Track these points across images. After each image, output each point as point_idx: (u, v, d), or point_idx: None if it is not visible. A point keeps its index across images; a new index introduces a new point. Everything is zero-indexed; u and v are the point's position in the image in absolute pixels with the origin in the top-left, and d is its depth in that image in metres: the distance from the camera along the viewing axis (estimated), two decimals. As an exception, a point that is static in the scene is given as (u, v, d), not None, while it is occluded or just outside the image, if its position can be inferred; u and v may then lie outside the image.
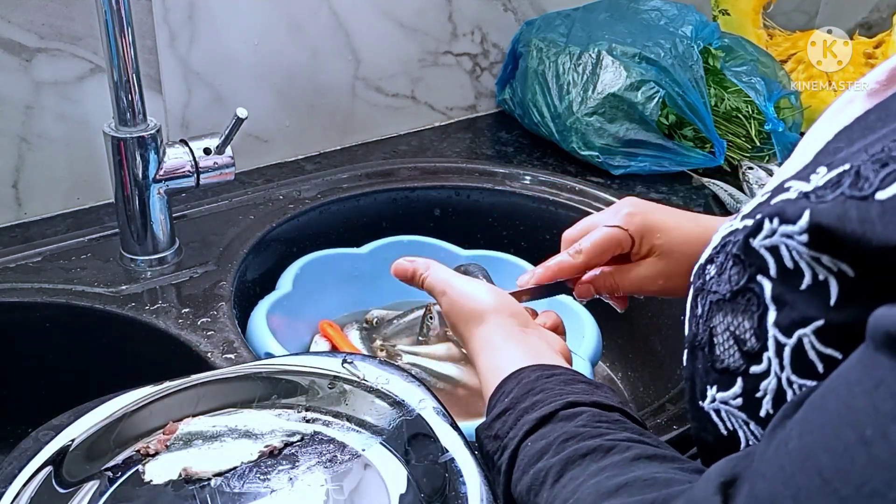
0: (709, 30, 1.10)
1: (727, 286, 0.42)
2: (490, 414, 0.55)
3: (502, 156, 1.14)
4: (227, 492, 0.57)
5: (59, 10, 0.87)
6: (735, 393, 0.42)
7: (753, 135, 1.11)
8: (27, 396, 0.84)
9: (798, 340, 0.38)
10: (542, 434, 0.50)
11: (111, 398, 0.61)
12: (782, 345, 0.39)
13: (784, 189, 0.41)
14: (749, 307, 0.41)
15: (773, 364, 0.40)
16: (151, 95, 0.95)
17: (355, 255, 0.98)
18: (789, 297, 0.39)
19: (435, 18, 1.15)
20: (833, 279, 0.37)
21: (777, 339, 0.39)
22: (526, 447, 0.50)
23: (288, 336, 0.86)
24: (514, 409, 0.53)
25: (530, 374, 0.55)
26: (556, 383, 0.53)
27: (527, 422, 0.51)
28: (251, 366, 0.67)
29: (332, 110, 1.12)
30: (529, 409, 0.52)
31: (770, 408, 0.40)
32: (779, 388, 0.40)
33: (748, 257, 0.41)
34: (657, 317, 0.95)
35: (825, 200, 0.37)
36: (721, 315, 0.43)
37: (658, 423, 0.70)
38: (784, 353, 0.39)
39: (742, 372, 0.42)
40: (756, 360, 0.41)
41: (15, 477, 0.54)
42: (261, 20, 1.01)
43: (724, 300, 0.43)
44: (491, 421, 0.54)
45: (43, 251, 0.87)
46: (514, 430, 0.52)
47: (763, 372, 0.40)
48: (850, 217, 0.35)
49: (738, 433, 0.43)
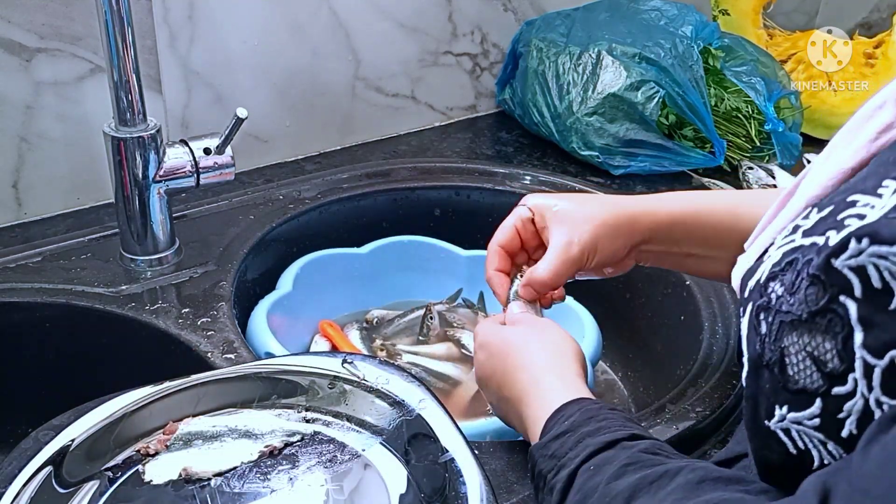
0: (709, 30, 1.10)
1: (803, 306, 0.42)
2: (547, 434, 0.56)
3: (502, 156, 1.14)
4: (227, 492, 0.57)
5: (59, 10, 0.87)
6: (812, 413, 0.42)
7: (753, 135, 1.11)
8: (27, 396, 0.84)
9: (890, 362, 0.38)
10: (606, 458, 0.51)
11: (111, 398, 0.61)
12: (872, 366, 0.38)
13: (849, 204, 0.41)
14: (831, 328, 0.40)
15: (859, 385, 0.39)
16: (151, 95, 0.95)
17: (355, 255, 0.98)
18: (878, 319, 0.38)
19: (435, 18, 1.15)
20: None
21: (865, 360, 0.39)
22: (588, 469, 0.51)
23: (288, 336, 0.86)
24: (574, 431, 0.54)
25: (592, 404, 0.57)
26: (619, 416, 0.55)
27: (590, 444, 0.52)
28: (251, 366, 0.67)
29: (332, 110, 1.12)
30: (593, 433, 0.53)
31: (854, 428, 0.40)
32: (865, 408, 0.39)
33: (829, 278, 0.40)
34: (657, 317, 0.95)
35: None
36: (795, 335, 0.42)
37: (658, 423, 0.70)
38: (874, 375, 0.38)
39: (822, 392, 0.41)
40: (840, 381, 0.40)
41: (15, 477, 0.54)
42: (261, 20, 1.01)
43: (799, 320, 0.42)
44: (548, 441, 0.55)
45: (43, 251, 0.87)
46: (574, 451, 0.52)
47: (848, 393, 0.40)
48: None
49: (812, 452, 0.43)
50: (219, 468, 0.58)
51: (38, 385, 0.84)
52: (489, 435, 0.70)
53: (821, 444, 0.42)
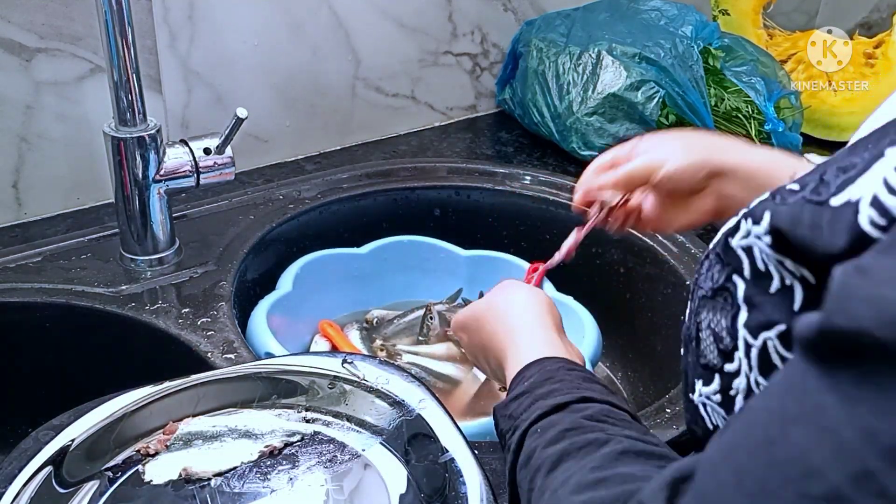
0: (709, 30, 1.10)
1: (709, 283, 0.43)
2: (510, 394, 0.57)
3: (502, 156, 1.14)
4: (227, 492, 0.57)
5: (59, 10, 0.87)
6: (714, 389, 0.43)
7: (753, 135, 1.11)
8: (27, 396, 0.84)
9: (763, 343, 0.38)
10: (552, 421, 0.51)
11: (111, 398, 0.61)
12: (750, 346, 0.39)
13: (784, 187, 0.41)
14: (725, 306, 0.41)
15: (742, 364, 0.40)
16: (151, 95, 0.95)
17: (355, 255, 0.98)
18: (759, 300, 0.39)
19: (435, 18, 1.15)
20: (798, 285, 0.37)
21: (746, 340, 0.39)
22: (535, 432, 0.51)
23: (288, 336, 0.86)
24: (530, 392, 0.54)
25: (553, 364, 0.57)
26: (576, 378, 0.55)
27: (540, 407, 0.52)
28: (251, 366, 0.67)
29: (332, 110, 1.12)
30: (546, 395, 0.53)
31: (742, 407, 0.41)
32: (748, 388, 0.40)
33: (727, 256, 0.41)
34: (657, 317, 0.95)
35: (786, 202, 0.37)
36: (705, 311, 0.43)
37: (658, 423, 0.70)
38: (752, 354, 0.39)
39: (719, 369, 0.42)
40: (729, 358, 0.41)
41: (15, 477, 0.54)
42: (261, 20, 1.01)
43: (706, 297, 0.43)
44: (508, 401, 0.56)
45: (43, 251, 0.87)
46: (527, 412, 0.53)
47: (735, 371, 0.41)
48: (803, 221, 0.35)
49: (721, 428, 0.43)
50: (219, 468, 0.58)
51: (38, 385, 0.84)
52: (489, 435, 0.70)
53: (724, 420, 0.43)
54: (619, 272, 1.00)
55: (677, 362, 0.88)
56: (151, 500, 0.56)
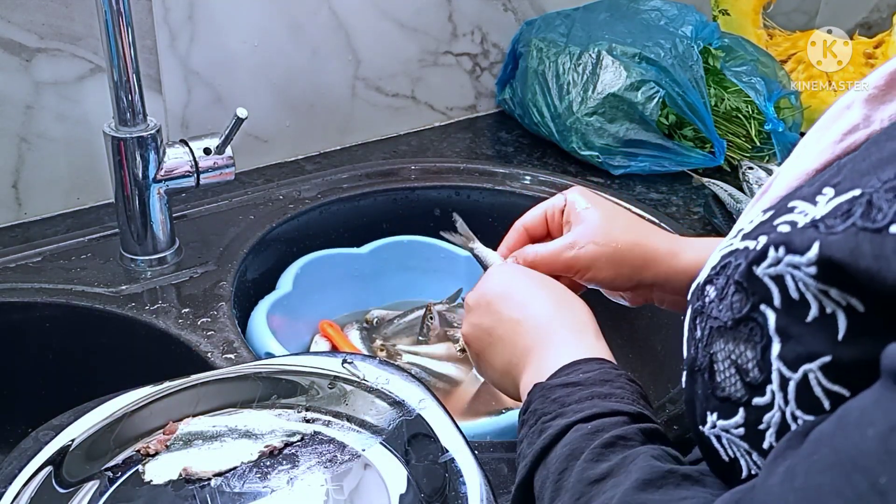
0: (709, 30, 1.10)
1: (728, 313, 0.41)
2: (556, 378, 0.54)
3: (502, 156, 1.14)
4: (227, 492, 0.57)
5: (59, 10, 0.87)
6: (737, 422, 0.41)
7: (753, 135, 1.11)
8: (27, 396, 0.84)
9: (803, 376, 0.37)
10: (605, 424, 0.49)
11: (111, 398, 0.61)
12: (787, 379, 0.38)
13: (788, 210, 0.39)
14: (752, 337, 0.39)
15: (776, 397, 0.38)
16: (151, 95, 0.95)
17: (355, 255, 0.98)
18: (794, 330, 0.37)
19: (435, 18, 1.15)
20: (841, 313, 0.35)
21: (781, 372, 0.38)
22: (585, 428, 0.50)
23: (288, 336, 0.86)
24: (585, 386, 0.52)
25: (613, 368, 0.55)
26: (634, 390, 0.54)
27: (597, 406, 0.51)
28: (251, 366, 0.67)
29: (332, 110, 1.12)
30: (605, 396, 0.52)
31: (773, 440, 0.39)
32: (782, 421, 0.38)
33: (751, 285, 0.39)
34: (657, 317, 0.95)
35: (835, 231, 0.35)
36: (722, 342, 0.41)
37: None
38: (788, 388, 0.38)
39: (744, 402, 0.40)
40: (759, 391, 0.39)
41: (15, 477, 0.54)
42: (261, 20, 1.01)
43: (725, 327, 0.41)
44: (555, 385, 0.54)
45: (43, 251, 0.87)
46: (579, 405, 0.51)
47: (766, 404, 0.39)
48: (864, 252, 0.33)
49: (740, 462, 0.42)
50: (219, 468, 0.58)
51: (38, 385, 0.84)
52: (489, 435, 0.70)
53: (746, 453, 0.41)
54: (619, 272, 0.99)
55: (677, 362, 0.88)
56: (151, 500, 0.56)
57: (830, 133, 0.44)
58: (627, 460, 0.46)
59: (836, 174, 0.39)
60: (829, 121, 0.46)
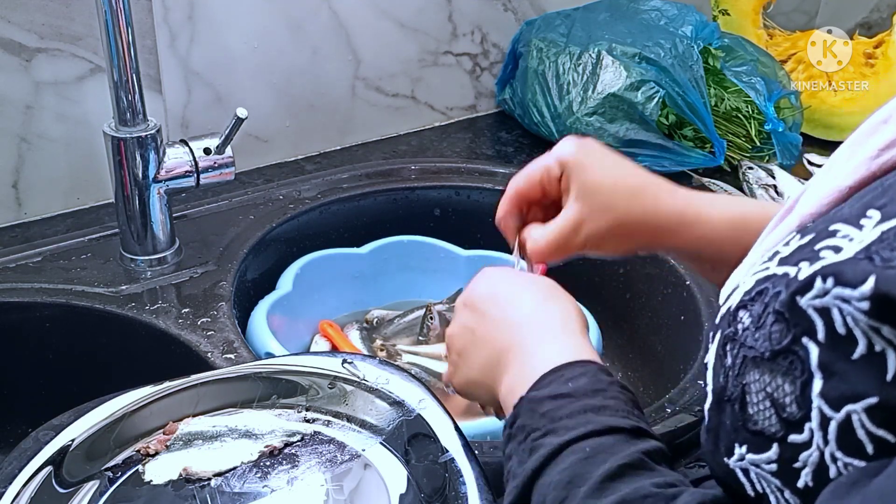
0: (709, 30, 1.10)
1: (766, 343, 0.39)
2: (541, 389, 0.50)
3: (502, 156, 1.14)
4: (227, 492, 0.57)
5: (59, 10, 0.87)
6: (769, 458, 0.39)
7: (753, 135, 1.11)
8: (27, 396, 0.84)
9: (846, 416, 0.35)
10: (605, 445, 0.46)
11: (111, 398, 0.61)
12: (828, 418, 0.36)
13: (830, 234, 0.38)
14: (792, 371, 0.37)
15: (815, 436, 0.36)
16: (151, 95, 0.95)
17: (355, 255, 0.98)
18: (839, 367, 0.35)
19: (435, 18, 1.15)
20: (892, 352, 0.33)
21: (822, 410, 0.36)
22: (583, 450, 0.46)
23: (288, 336, 0.86)
24: (576, 398, 0.49)
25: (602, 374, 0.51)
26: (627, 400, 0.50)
27: (591, 422, 0.47)
28: (251, 366, 0.67)
29: (332, 110, 1.12)
30: (598, 409, 0.48)
31: (809, 480, 0.37)
32: (821, 461, 0.36)
33: (793, 316, 0.37)
34: (657, 317, 0.95)
35: (893, 266, 0.33)
36: (757, 373, 0.39)
37: (658, 423, 0.70)
38: (829, 428, 0.36)
39: (779, 438, 0.38)
40: (796, 428, 0.37)
41: (15, 477, 0.54)
42: (261, 20, 1.01)
43: (761, 358, 0.39)
44: (543, 397, 0.50)
45: (43, 251, 0.87)
46: (573, 421, 0.47)
47: (804, 442, 0.37)
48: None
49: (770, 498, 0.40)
50: (219, 468, 0.58)
51: (38, 385, 0.84)
52: (489, 435, 0.70)
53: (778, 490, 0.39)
54: (618, 272, 1.00)
55: (677, 362, 0.88)
56: (151, 500, 0.56)
57: (865, 149, 0.42)
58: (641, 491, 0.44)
59: (880, 195, 0.38)
60: (863, 136, 0.43)
